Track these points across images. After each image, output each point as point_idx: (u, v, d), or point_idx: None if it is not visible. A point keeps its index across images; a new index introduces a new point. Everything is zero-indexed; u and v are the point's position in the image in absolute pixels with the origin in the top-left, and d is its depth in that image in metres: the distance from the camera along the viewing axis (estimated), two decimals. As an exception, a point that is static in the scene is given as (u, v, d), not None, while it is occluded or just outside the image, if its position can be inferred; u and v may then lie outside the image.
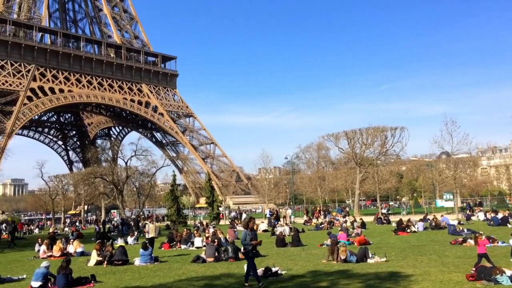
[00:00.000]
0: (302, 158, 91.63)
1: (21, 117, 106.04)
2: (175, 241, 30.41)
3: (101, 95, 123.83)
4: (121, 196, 75.70)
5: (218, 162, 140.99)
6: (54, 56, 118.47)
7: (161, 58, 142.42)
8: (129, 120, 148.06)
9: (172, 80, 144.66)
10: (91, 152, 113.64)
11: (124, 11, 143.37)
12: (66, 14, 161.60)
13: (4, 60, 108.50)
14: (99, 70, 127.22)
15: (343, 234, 27.28)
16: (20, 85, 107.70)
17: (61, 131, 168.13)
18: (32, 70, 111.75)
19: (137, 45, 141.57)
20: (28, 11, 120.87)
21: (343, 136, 66.88)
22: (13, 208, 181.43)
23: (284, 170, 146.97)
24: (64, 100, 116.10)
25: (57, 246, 26.62)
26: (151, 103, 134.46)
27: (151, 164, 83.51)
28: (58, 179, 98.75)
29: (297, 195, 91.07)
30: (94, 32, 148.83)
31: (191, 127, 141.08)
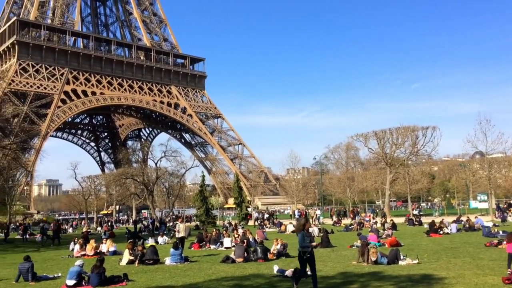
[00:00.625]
0: (331, 159, 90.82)
1: (56, 119, 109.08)
2: (204, 241, 30.66)
3: (131, 97, 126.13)
4: (151, 197, 76.84)
5: (247, 162, 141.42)
6: (87, 59, 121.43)
7: (189, 60, 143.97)
8: (158, 122, 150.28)
9: (200, 81, 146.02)
10: (122, 153, 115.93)
11: (154, 14, 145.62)
12: (97, 19, 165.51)
13: (39, 64, 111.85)
14: (130, 72, 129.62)
15: (373, 236, 26.90)
16: (54, 88, 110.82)
17: (94, 133, 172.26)
18: (65, 74, 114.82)
19: (166, 47, 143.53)
20: (62, 16, 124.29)
21: (372, 136, 65.91)
22: (48, 208, 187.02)
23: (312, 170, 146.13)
24: (96, 102, 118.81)
25: (90, 245, 27.25)
26: (180, 104, 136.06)
27: (181, 165, 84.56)
28: (90, 179, 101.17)
29: (326, 196, 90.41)
30: (125, 36, 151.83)
31: (219, 128, 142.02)
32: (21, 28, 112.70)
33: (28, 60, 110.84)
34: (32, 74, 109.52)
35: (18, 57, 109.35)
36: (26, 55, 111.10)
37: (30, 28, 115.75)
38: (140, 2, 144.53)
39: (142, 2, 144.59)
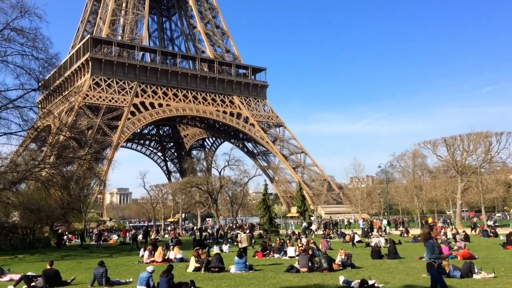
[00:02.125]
0: (397, 167, 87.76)
1: (126, 130, 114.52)
2: (268, 250, 30.74)
3: (196, 108, 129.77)
4: (215, 205, 78.32)
5: (309, 171, 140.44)
6: (154, 73, 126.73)
7: (251, 70, 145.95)
8: (222, 131, 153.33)
9: (262, 91, 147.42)
10: (187, 163, 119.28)
11: (217, 27, 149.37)
12: (164, 33, 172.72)
13: (110, 79, 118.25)
14: (194, 84, 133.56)
15: (444, 248, 25.69)
16: (124, 101, 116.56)
17: (160, 143, 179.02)
18: (134, 87, 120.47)
19: (228, 58, 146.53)
20: (131, 32, 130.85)
21: (441, 143, 63.22)
22: (119, 215, 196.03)
23: (377, 179, 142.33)
24: (163, 114, 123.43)
25: (159, 252, 28.22)
26: (243, 114, 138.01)
27: (243, 173, 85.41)
28: (158, 188, 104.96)
29: (392, 205, 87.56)
30: (189, 49, 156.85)
31: (281, 136, 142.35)
32: (94, 45, 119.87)
33: (101, 75, 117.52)
34: (104, 88, 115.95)
35: (91, 73, 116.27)
36: (99, 70, 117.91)
37: (102, 45, 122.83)
38: (204, 15, 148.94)
39: (205, 15, 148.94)
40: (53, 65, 39.73)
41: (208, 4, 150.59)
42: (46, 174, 40.92)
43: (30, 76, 36.28)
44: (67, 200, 46.95)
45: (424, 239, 12.69)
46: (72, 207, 52.83)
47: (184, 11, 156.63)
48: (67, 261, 31.04)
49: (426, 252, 11.87)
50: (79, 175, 53.52)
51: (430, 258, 11.79)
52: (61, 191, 43.53)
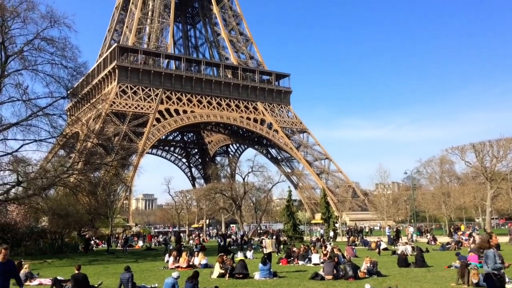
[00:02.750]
0: (423, 173, 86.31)
1: (151, 137, 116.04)
2: (292, 257, 30.57)
3: (219, 115, 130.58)
4: (239, 211, 78.46)
5: (333, 177, 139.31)
6: (178, 80, 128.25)
7: (275, 76, 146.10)
8: (245, 138, 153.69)
9: (285, 97, 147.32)
10: (212, 169, 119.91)
11: (240, 34, 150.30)
12: (188, 41, 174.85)
13: (136, 86, 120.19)
14: (218, 90, 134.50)
15: (474, 256, 25.05)
16: (150, 108, 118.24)
17: (185, 149, 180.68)
18: (159, 94, 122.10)
19: (252, 65, 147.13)
20: (156, 40, 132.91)
21: (469, 148, 61.96)
22: (144, 221, 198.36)
23: (403, 185, 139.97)
24: (187, 120, 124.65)
25: (183, 258, 28.41)
26: (266, 120, 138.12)
27: (267, 180, 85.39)
28: (182, 194, 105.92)
29: (419, 212, 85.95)
30: (213, 56, 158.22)
31: (305, 142, 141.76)
32: (121, 53, 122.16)
33: (127, 82, 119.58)
34: (131, 96, 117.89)
35: (118, 80, 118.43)
36: (125, 78, 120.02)
37: (129, 53, 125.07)
38: (228, 23, 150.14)
39: (229, 22, 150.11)
40: (81, 74, 40.72)
41: (232, 12, 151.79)
42: (74, 180, 41.81)
43: (59, 84, 37.23)
44: (94, 205, 47.86)
45: (483, 247, 11.66)
46: (99, 212, 53.79)
47: (209, 18, 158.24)
48: (94, 265, 31.56)
49: (486, 262, 10.91)
50: (106, 181, 54.45)
51: (491, 269, 10.74)
52: (88, 197, 44.39)
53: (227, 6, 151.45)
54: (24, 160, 35.89)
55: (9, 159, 34.83)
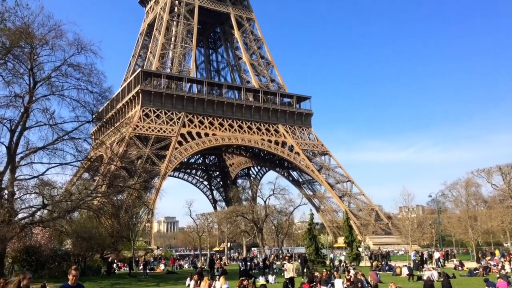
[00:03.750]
0: (449, 196, 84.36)
1: (173, 160, 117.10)
2: (315, 282, 30.08)
3: (241, 137, 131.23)
4: (260, 234, 78.01)
5: (356, 200, 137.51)
6: (200, 103, 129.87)
7: (296, 99, 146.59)
8: (267, 160, 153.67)
9: (306, 119, 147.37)
10: (233, 192, 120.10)
11: (261, 57, 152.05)
12: (210, 65, 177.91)
13: (159, 110, 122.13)
14: (239, 113, 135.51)
15: (503, 282, 24.22)
16: (172, 131, 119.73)
17: (206, 172, 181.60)
18: (182, 117, 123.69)
19: (273, 88, 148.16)
20: (179, 65, 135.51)
21: (496, 171, 60.65)
22: (166, 244, 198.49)
23: (428, 208, 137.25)
24: (209, 143, 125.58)
25: (205, 282, 28.27)
26: (287, 142, 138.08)
27: (289, 202, 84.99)
28: (204, 217, 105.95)
29: (445, 237, 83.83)
30: (235, 79, 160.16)
31: (326, 165, 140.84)
32: (145, 78, 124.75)
33: (150, 106, 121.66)
34: (153, 119, 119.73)
35: (142, 104, 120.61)
36: (149, 102, 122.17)
37: (152, 78, 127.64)
38: (249, 47, 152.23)
39: (250, 47, 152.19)
40: (106, 98, 41.64)
41: (253, 36, 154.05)
42: (97, 203, 42.33)
43: (84, 109, 38.11)
44: (117, 228, 48.21)
45: None
46: (122, 235, 54.11)
47: (230, 43, 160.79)
48: (116, 289, 31.61)
49: None
50: (129, 203, 54.95)
51: None
52: (111, 220, 44.80)
53: (248, 31, 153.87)
54: (49, 183, 36.57)
55: (35, 182, 35.57)
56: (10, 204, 33.05)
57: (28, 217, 36.82)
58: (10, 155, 34.33)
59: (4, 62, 35.83)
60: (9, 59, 35.98)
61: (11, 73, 36.35)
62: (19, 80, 36.49)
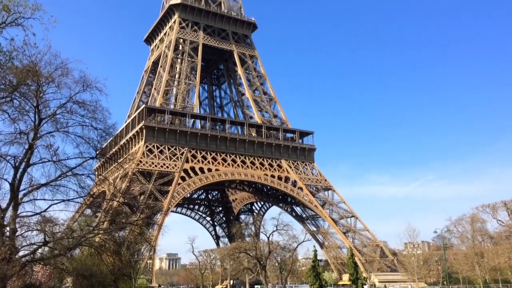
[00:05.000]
0: (454, 232, 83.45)
1: (176, 195, 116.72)
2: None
3: (244, 172, 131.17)
4: (264, 271, 76.75)
5: (360, 236, 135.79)
6: (204, 138, 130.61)
7: (298, 134, 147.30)
8: (270, 195, 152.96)
9: (309, 154, 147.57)
10: (236, 228, 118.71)
11: (264, 93, 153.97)
12: (213, 101, 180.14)
13: (162, 145, 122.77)
14: (242, 149, 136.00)
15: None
16: (175, 167, 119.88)
17: (209, 208, 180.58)
18: (185, 153, 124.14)
19: (276, 123, 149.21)
20: (183, 101, 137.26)
21: (501, 206, 60.15)
22: (168, 281, 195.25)
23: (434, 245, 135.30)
24: (212, 178, 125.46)
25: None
26: (290, 178, 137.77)
27: (292, 238, 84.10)
28: (206, 253, 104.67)
29: (451, 274, 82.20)
30: (238, 115, 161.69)
31: (330, 200, 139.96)
32: (148, 114, 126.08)
33: (154, 142, 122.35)
34: (157, 155, 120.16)
35: (145, 140, 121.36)
36: (152, 137, 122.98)
37: (156, 114, 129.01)
38: (252, 83, 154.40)
39: (253, 83, 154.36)
40: (110, 134, 41.97)
41: (256, 72, 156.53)
42: (99, 239, 41.99)
43: (88, 145, 38.33)
44: (118, 265, 47.55)
45: None
46: (123, 272, 53.27)
47: (233, 79, 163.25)
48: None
49: None
50: (131, 240, 54.47)
51: None
52: (112, 257, 44.25)
53: (251, 67, 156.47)
54: (51, 220, 36.43)
55: (38, 219, 35.43)
56: (12, 242, 32.85)
57: (29, 254, 36.50)
58: (13, 191, 34.40)
59: (10, 100, 36.40)
60: (16, 96, 36.56)
61: (17, 110, 36.85)
62: (24, 117, 36.93)
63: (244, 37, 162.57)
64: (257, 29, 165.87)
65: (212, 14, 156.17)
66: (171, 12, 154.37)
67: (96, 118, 39.07)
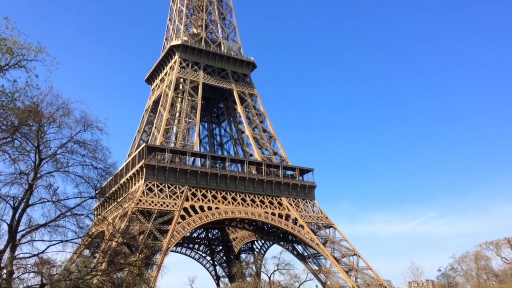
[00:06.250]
0: (458, 270, 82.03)
1: (175, 234, 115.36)
2: None
3: (244, 210, 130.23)
4: (265, 313, 74.87)
5: (363, 275, 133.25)
6: (204, 177, 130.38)
7: (298, 171, 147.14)
8: (270, 234, 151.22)
9: (310, 191, 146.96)
10: (236, 267, 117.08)
11: (264, 131, 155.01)
12: (213, 139, 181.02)
13: (162, 184, 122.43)
14: (242, 186, 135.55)
15: None
16: (175, 206, 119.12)
17: (209, 247, 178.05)
18: (185, 191, 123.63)
19: (276, 160, 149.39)
20: (183, 139, 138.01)
21: (505, 243, 59.43)
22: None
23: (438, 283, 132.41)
24: (212, 217, 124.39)
25: None
26: (291, 215, 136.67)
27: (294, 278, 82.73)
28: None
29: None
30: (237, 152, 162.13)
31: (332, 238, 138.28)
32: (149, 152, 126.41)
33: (154, 180, 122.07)
34: (157, 193, 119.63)
35: (145, 179, 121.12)
36: (152, 176, 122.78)
37: (156, 152, 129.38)
38: (251, 121, 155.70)
39: (253, 121, 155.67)
40: (110, 174, 42.07)
41: (255, 110, 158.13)
42: (97, 281, 41.35)
43: (88, 185, 38.42)
44: (116, 308, 46.60)
45: None
46: (120, 315, 52.12)
47: (233, 117, 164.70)
48: None
49: None
50: (129, 282, 53.52)
51: None
52: (110, 299, 43.45)
53: (250, 106, 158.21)
54: (49, 262, 36.01)
55: (35, 261, 35.03)
56: (8, 284, 32.35)
57: (25, 297, 35.86)
58: (11, 233, 34.14)
59: (11, 140, 36.71)
60: (17, 137, 36.88)
61: (17, 150, 37.10)
62: (25, 157, 37.16)
63: (244, 76, 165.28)
64: (256, 68, 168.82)
65: (212, 54, 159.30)
66: (172, 52, 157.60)
67: (97, 157, 39.34)
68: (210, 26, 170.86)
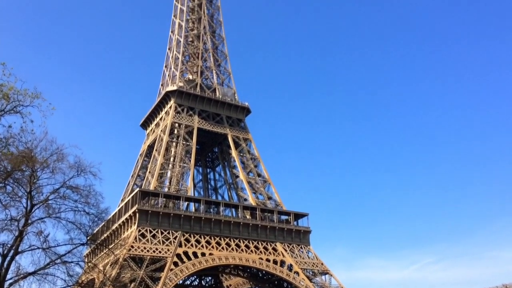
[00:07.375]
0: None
1: (168, 282, 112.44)
2: None
3: (238, 257, 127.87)
4: None
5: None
6: (197, 222, 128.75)
7: (293, 216, 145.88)
8: (265, 280, 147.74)
9: (305, 237, 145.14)
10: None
11: (258, 175, 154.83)
12: (208, 183, 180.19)
13: (155, 229, 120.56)
14: (237, 232, 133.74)
15: None
16: (168, 252, 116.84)
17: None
18: (178, 237, 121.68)
19: (270, 205, 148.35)
20: (177, 184, 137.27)
21: (503, 290, 58.21)
22: None
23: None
24: (206, 263, 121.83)
25: None
26: (286, 261, 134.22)
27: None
28: None
29: None
30: (232, 197, 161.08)
31: (328, 285, 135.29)
32: (142, 197, 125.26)
33: (147, 226, 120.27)
34: (149, 239, 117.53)
35: (138, 224, 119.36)
36: (145, 221, 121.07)
37: (150, 197, 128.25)
38: (246, 165, 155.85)
39: (247, 165, 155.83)
40: (103, 219, 41.62)
41: (250, 155, 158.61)
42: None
43: (79, 231, 37.94)
44: None
45: None
46: None
47: (228, 162, 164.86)
48: None
49: None
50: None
51: None
52: None
53: (245, 150, 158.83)
54: (36, 312, 34.95)
55: (23, 311, 34.01)
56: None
57: None
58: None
59: (3, 186, 36.48)
60: (9, 182, 36.70)
61: (9, 196, 36.81)
62: (16, 203, 36.85)
63: (238, 120, 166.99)
64: (251, 113, 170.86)
65: (207, 100, 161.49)
66: (167, 98, 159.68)
67: (89, 203, 39.08)
68: (206, 73, 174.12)
